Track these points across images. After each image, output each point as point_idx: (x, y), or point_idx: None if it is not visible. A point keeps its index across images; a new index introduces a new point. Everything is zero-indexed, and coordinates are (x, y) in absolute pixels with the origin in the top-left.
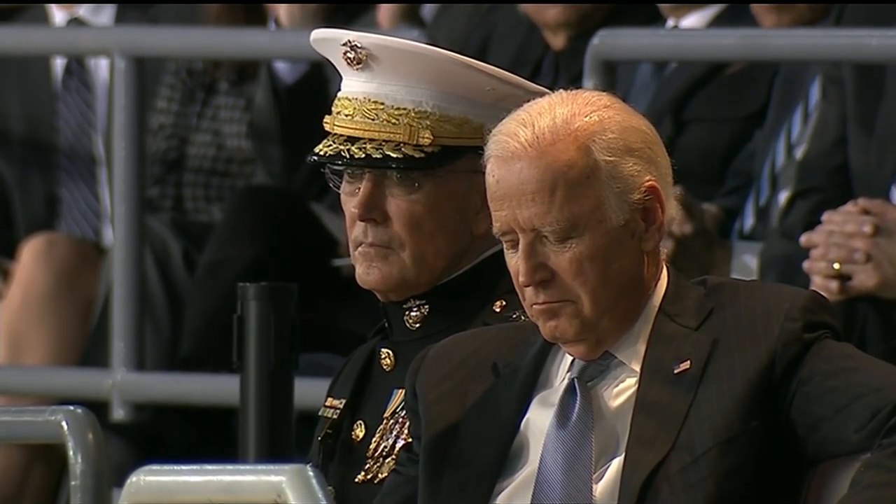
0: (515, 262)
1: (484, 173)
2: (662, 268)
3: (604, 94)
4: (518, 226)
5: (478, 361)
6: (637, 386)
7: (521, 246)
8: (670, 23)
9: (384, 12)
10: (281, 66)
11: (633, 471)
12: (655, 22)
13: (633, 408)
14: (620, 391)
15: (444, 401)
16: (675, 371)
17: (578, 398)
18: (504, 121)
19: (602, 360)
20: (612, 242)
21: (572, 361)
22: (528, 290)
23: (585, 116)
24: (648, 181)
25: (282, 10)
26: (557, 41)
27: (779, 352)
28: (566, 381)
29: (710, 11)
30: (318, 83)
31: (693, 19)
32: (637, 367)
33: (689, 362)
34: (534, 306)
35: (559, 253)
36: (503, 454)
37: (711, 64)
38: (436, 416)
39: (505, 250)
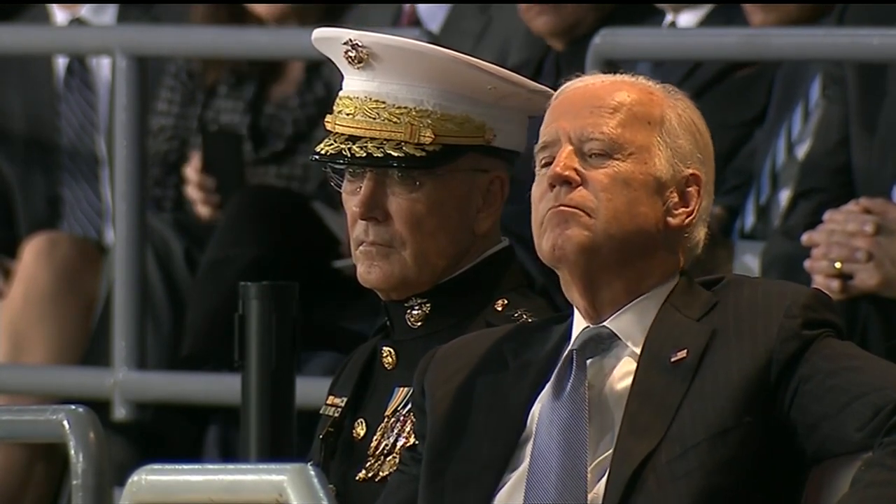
0: (543, 188)
1: (485, 171)
2: (678, 270)
3: None
4: (566, 135)
5: (487, 359)
6: (634, 372)
7: (562, 150)
8: (669, 18)
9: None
10: None
11: (622, 460)
12: (653, 17)
13: (628, 394)
14: (618, 372)
15: (452, 397)
16: (672, 359)
17: (574, 369)
18: None
19: (603, 340)
20: (647, 186)
21: (575, 337)
22: (552, 192)
23: (663, 88)
24: (695, 169)
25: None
26: (558, 42)
27: (777, 349)
28: (565, 354)
29: (703, 10)
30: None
31: (688, 16)
32: (637, 351)
33: (686, 351)
34: (550, 210)
35: (597, 168)
36: (510, 448)
37: (714, 68)
38: (443, 413)
39: (537, 173)
